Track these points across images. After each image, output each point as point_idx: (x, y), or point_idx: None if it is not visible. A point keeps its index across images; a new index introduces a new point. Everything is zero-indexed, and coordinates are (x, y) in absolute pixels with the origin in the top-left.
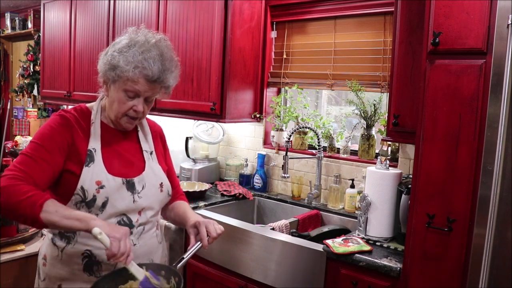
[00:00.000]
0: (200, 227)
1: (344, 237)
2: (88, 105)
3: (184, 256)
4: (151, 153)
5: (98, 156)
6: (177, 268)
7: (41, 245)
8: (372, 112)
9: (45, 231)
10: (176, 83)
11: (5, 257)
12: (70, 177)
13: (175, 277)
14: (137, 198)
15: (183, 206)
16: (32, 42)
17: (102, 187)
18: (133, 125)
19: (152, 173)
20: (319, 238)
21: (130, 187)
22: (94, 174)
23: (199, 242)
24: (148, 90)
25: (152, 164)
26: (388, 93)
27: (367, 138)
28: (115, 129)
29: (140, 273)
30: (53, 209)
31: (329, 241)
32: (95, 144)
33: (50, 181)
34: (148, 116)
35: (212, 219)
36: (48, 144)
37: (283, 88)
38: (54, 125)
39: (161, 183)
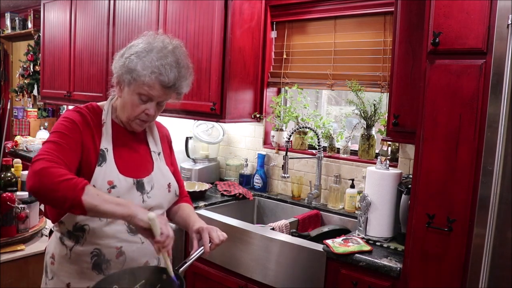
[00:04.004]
0: (203, 233)
1: (344, 237)
2: (99, 104)
3: (187, 261)
4: (159, 154)
5: (110, 156)
6: (179, 272)
7: (48, 243)
8: (372, 112)
9: (54, 228)
10: (188, 90)
11: (5, 257)
12: (82, 176)
13: (178, 280)
14: (146, 198)
15: (188, 209)
16: (32, 42)
17: (113, 187)
18: (143, 128)
19: (161, 173)
20: (319, 238)
21: (140, 187)
22: (106, 174)
23: (201, 248)
24: (161, 96)
25: (160, 165)
26: (388, 93)
27: (367, 138)
28: (125, 129)
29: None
30: (94, 192)
31: (329, 241)
32: (107, 144)
33: (77, 168)
34: None
35: (212, 219)
36: (71, 133)
37: (283, 88)
38: (72, 118)
39: (169, 183)
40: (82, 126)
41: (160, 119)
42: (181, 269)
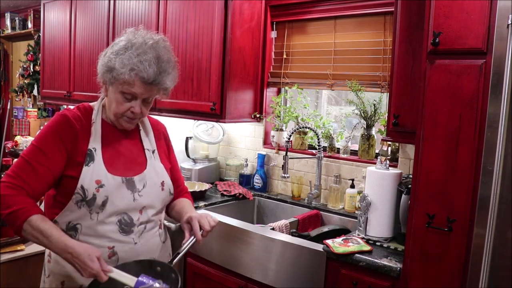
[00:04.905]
0: (193, 222)
1: (344, 237)
2: (91, 104)
3: (179, 252)
4: (153, 152)
5: (98, 156)
6: (173, 264)
7: None
8: (372, 112)
9: None
10: (174, 84)
11: (5, 257)
12: (70, 180)
13: (172, 273)
14: (137, 196)
15: (183, 202)
16: (32, 42)
17: (101, 186)
18: (133, 125)
19: (154, 171)
20: (319, 238)
21: (130, 185)
22: (94, 173)
23: (193, 237)
24: (144, 93)
25: (154, 163)
26: (388, 93)
27: (367, 138)
28: (116, 128)
29: (129, 279)
30: (30, 231)
31: (329, 241)
32: (95, 143)
33: (49, 185)
34: (150, 116)
35: None
36: (47, 146)
37: (283, 88)
38: (54, 126)
39: (163, 181)
40: (65, 130)
41: (159, 119)
42: (174, 260)
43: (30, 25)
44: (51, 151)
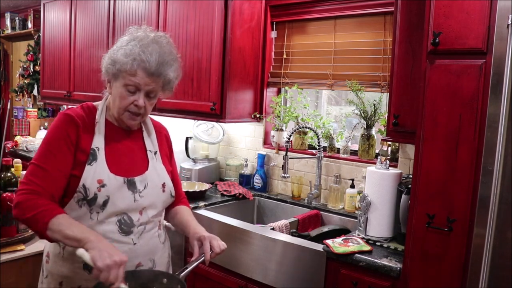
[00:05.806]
0: (205, 242)
1: (344, 237)
2: (95, 103)
3: (187, 267)
4: (155, 153)
5: (101, 155)
6: (180, 277)
7: (45, 242)
8: (372, 112)
9: None
10: (178, 77)
11: (5, 257)
12: (72, 179)
13: (178, 285)
14: (138, 197)
15: (186, 213)
16: (32, 42)
17: (103, 185)
18: (136, 122)
19: (155, 173)
20: (319, 238)
21: (131, 186)
22: (96, 173)
23: (202, 255)
24: (148, 83)
25: (155, 164)
26: (388, 93)
27: (367, 138)
28: (119, 128)
29: None
30: (57, 228)
31: (329, 241)
32: (98, 143)
33: (63, 186)
34: (152, 118)
35: (212, 219)
36: (56, 148)
37: (283, 88)
38: (60, 126)
39: (164, 183)
40: (70, 129)
41: (160, 119)
42: (182, 274)
43: (30, 25)
44: (60, 152)
